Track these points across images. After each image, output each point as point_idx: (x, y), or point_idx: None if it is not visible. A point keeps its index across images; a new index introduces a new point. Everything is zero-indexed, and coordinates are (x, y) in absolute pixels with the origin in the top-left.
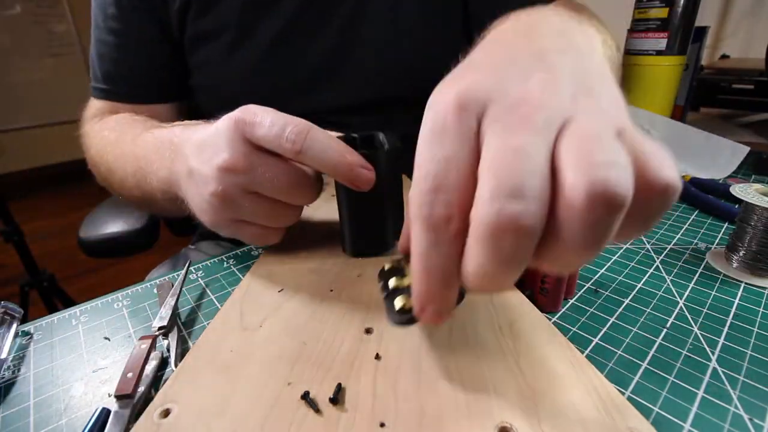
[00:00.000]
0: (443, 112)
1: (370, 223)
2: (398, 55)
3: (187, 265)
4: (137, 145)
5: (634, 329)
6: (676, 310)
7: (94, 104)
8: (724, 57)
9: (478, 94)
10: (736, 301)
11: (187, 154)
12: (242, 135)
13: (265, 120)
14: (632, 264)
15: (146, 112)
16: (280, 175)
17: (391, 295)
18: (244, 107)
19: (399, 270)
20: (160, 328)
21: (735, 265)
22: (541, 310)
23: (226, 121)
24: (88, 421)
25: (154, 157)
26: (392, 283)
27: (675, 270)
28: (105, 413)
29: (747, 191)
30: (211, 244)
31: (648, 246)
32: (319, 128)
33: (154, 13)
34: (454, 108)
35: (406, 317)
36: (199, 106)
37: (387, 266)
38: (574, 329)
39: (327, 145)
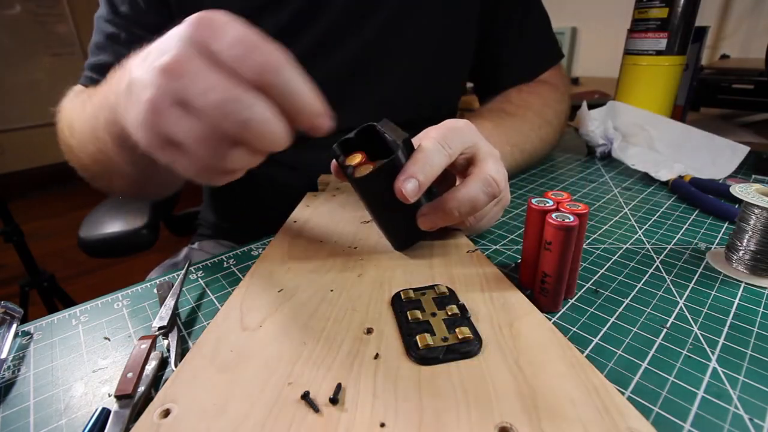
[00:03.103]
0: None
1: (400, 220)
2: (410, 86)
3: (187, 265)
4: (91, 104)
5: (634, 329)
6: (676, 310)
7: (77, 87)
8: (724, 57)
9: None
10: (736, 301)
11: (131, 68)
12: (196, 39)
13: (228, 32)
14: (632, 264)
15: None
16: (217, 87)
17: (410, 328)
18: (211, 11)
19: (416, 302)
20: (160, 328)
21: (735, 265)
22: (541, 310)
23: (184, 23)
24: (88, 421)
25: (102, 102)
26: (410, 316)
27: (675, 270)
28: (105, 413)
29: (747, 191)
30: (211, 243)
31: (648, 246)
32: (290, 64)
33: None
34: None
35: (428, 356)
36: None
37: (403, 296)
38: (574, 329)
39: (299, 86)
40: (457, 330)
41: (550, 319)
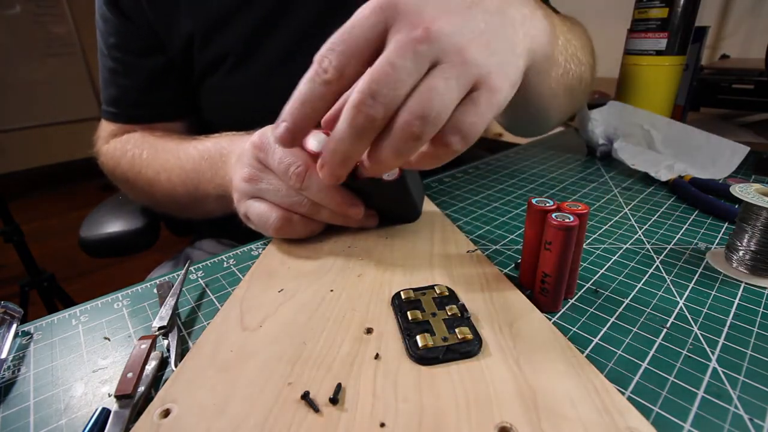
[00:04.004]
0: (366, 11)
1: (404, 203)
2: None
3: (187, 265)
4: (181, 159)
5: (634, 329)
6: (676, 310)
7: (106, 125)
8: (724, 57)
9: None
10: (736, 301)
11: (233, 165)
12: (257, 156)
13: (275, 155)
14: (632, 264)
15: (159, 129)
16: (275, 190)
17: (410, 328)
18: (261, 132)
19: (416, 302)
20: (160, 328)
21: (735, 265)
22: (541, 310)
23: (248, 144)
24: (88, 421)
25: (205, 166)
26: (410, 316)
27: (675, 270)
28: (105, 413)
29: (747, 191)
30: (211, 242)
31: (648, 246)
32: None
33: (155, 47)
34: (373, 10)
35: (428, 355)
36: (209, 120)
37: (403, 296)
38: (574, 329)
39: (323, 186)
40: (457, 330)
41: (550, 319)
